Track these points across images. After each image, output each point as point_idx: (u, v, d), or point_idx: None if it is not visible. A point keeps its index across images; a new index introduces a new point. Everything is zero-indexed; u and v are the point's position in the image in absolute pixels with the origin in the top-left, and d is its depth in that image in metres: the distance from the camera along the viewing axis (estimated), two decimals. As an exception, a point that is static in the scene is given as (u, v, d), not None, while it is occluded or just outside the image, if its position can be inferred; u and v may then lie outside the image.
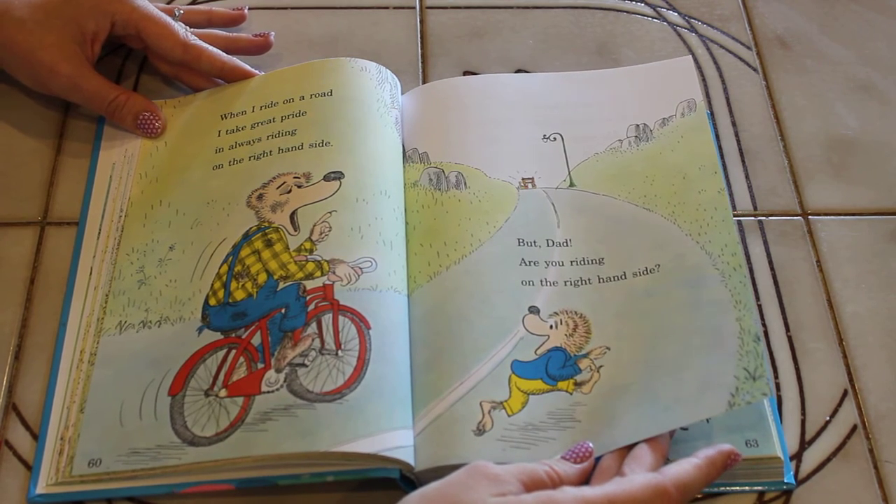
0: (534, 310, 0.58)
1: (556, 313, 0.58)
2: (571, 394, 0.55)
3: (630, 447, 0.52)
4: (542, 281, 0.60)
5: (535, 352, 0.57)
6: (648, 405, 0.53)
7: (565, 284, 0.60)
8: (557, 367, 0.56)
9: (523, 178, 0.64)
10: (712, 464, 0.50)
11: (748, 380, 0.52)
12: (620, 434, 0.52)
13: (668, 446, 0.52)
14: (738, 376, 0.52)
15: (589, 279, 0.60)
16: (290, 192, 0.61)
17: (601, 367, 0.56)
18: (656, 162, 0.65)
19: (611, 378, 0.55)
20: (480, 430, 0.53)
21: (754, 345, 0.53)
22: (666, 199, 0.62)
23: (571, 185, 0.65)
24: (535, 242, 0.61)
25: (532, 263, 0.60)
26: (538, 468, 0.49)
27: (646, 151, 0.65)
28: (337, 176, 0.61)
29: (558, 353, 0.57)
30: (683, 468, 0.49)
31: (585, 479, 0.51)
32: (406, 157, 0.65)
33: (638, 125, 0.67)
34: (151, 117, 0.66)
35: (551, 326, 0.58)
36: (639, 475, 0.48)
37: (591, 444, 0.52)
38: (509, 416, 0.54)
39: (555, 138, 0.67)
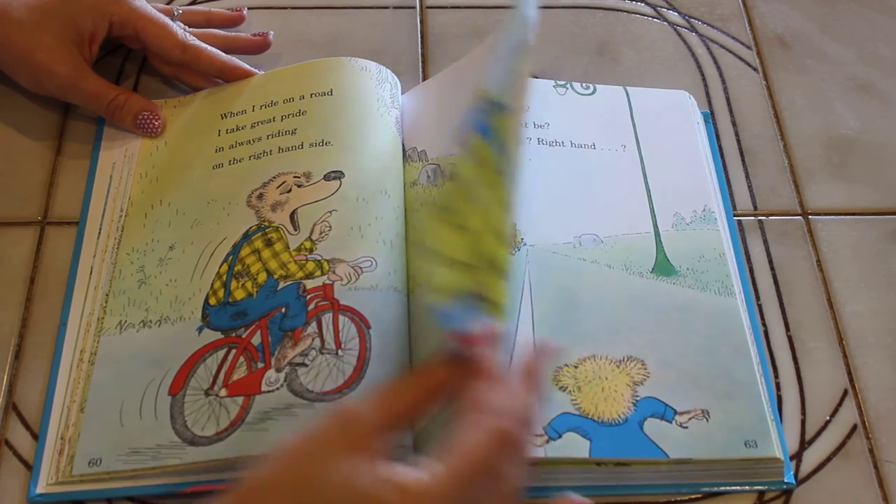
0: None
1: None
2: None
3: None
4: None
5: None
6: None
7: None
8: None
9: None
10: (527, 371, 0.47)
11: None
12: None
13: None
14: None
15: None
16: (290, 191, 0.61)
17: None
18: None
19: None
20: (480, 430, 0.53)
21: None
22: None
23: None
24: None
25: None
26: (397, 404, 0.45)
27: None
28: (337, 175, 0.61)
29: None
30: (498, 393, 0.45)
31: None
32: (406, 157, 0.65)
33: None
34: (151, 117, 0.66)
35: None
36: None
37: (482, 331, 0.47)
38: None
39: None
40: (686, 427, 0.54)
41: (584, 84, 0.70)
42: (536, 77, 0.72)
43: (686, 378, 0.56)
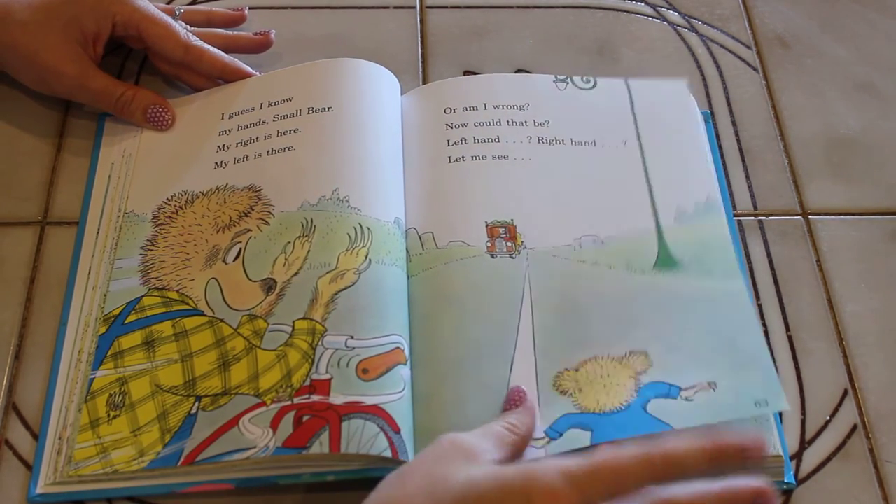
0: None
1: None
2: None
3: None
4: None
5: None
6: None
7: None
8: None
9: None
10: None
11: None
12: None
13: None
14: None
15: None
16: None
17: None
18: None
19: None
20: (480, 430, 0.53)
21: None
22: None
23: None
24: None
25: None
26: (497, 427, 0.50)
27: None
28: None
29: None
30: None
31: (532, 418, 0.53)
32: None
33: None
34: (161, 110, 0.66)
35: None
36: (630, 447, 0.46)
37: (522, 387, 0.54)
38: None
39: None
40: (692, 400, 0.53)
41: (584, 78, 0.69)
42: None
43: (691, 359, 0.55)
